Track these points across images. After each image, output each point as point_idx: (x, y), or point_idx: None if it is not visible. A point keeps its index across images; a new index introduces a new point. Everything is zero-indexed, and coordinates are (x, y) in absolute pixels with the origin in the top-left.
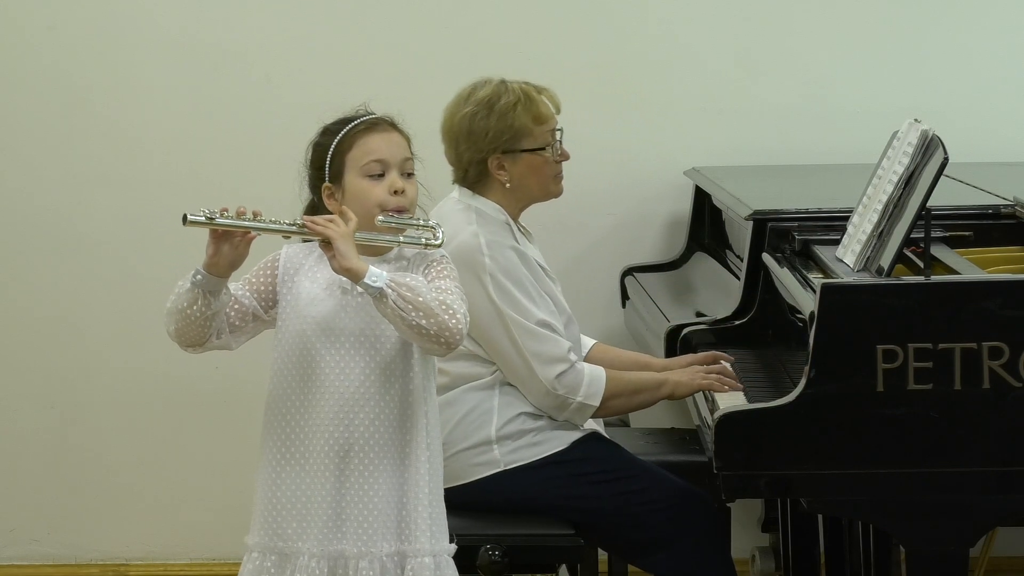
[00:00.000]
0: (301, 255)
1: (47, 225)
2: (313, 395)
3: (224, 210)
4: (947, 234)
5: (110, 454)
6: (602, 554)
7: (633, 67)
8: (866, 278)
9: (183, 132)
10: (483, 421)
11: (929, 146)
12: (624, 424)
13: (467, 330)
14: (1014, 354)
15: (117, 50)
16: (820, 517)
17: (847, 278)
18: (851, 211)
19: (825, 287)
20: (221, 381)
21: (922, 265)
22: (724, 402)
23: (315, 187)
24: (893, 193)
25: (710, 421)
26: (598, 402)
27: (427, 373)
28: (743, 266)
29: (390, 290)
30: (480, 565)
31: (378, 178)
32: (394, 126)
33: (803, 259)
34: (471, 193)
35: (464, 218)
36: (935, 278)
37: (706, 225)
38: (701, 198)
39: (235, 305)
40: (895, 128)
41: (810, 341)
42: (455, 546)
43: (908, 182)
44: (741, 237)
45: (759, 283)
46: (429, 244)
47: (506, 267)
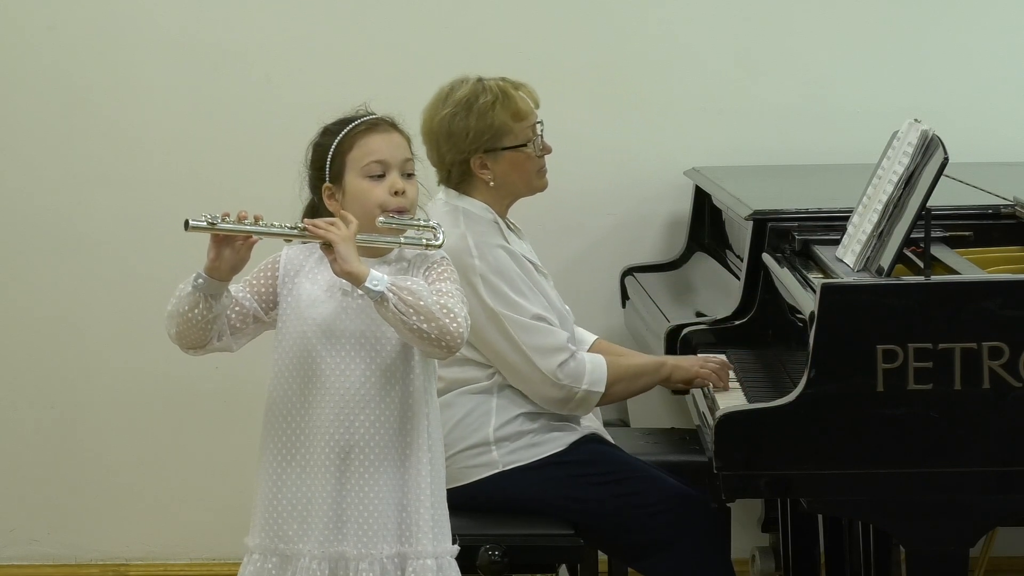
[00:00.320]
0: (302, 257)
1: (47, 225)
2: (313, 397)
3: (226, 214)
4: (947, 234)
5: (110, 454)
6: (602, 554)
7: (633, 67)
8: (866, 278)
9: (183, 132)
10: (481, 423)
11: (929, 146)
12: (624, 424)
13: (468, 333)
14: (1014, 354)
15: (117, 50)
16: (820, 517)
17: (847, 278)
18: (851, 211)
19: (825, 287)
20: (221, 381)
21: (922, 265)
22: (724, 402)
23: (315, 187)
24: (893, 193)
25: (710, 421)
26: (603, 388)
27: (428, 375)
28: (743, 266)
29: (391, 294)
30: (480, 565)
31: (378, 179)
32: (394, 126)
33: (803, 259)
34: (457, 194)
35: (451, 220)
36: (935, 278)
37: (706, 225)
38: (701, 198)
39: (236, 307)
40: (895, 128)
41: (810, 341)
42: (457, 547)
43: (908, 182)
44: (741, 237)
45: (759, 283)
46: (430, 245)
47: (496, 267)
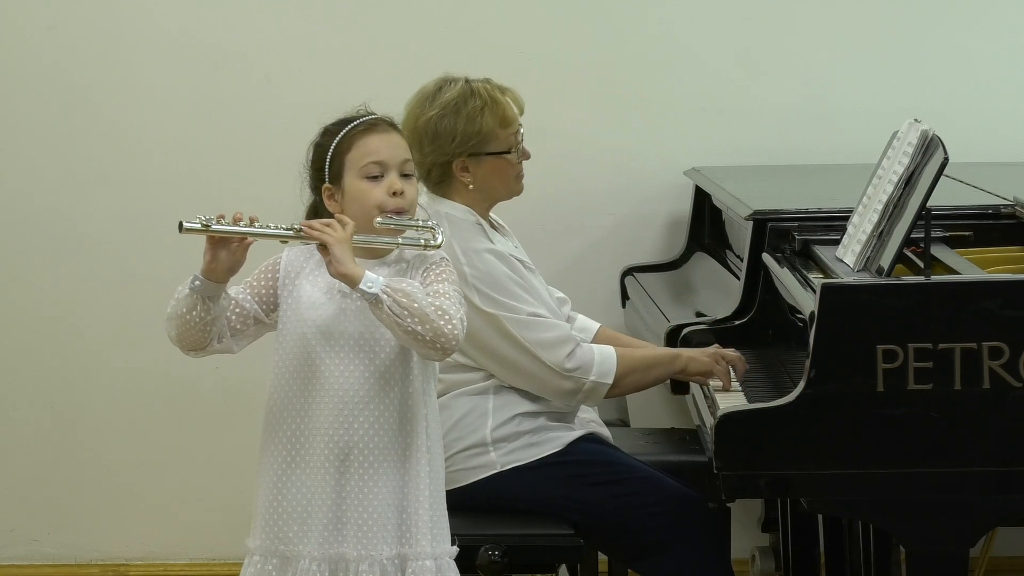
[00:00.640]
0: (302, 258)
1: (47, 225)
2: (313, 398)
3: (220, 216)
4: (947, 234)
5: (110, 454)
6: (602, 555)
7: (633, 67)
8: (866, 278)
9: (183, 132)
10: (479, 424)
11: (929, 146)
12: (624, 424)
13: (464, 334)
14: (1014, 354)
15: (117, 50)
16: (820, 517)
17: (847, 278)
18: (851, 211)
19: (825, 287)
20: (221, 381)
21: (922, 265)
22: (724, 402)
23: (316, 188)
24: (893, 193)
25: (710, 421)
26: (612, 379)
27: (427, 376)
28: (743, 266)
29: (385, 296)
30: (480, 565)
31: (377, 179)
32: (393, 126)
33: (803, 259)
34: (437, 197)
35: None
36: (935, 278)
37: (706, 225)
38: (701, 198)
39: (236, 309)
40: (895, 128)
41: (810, 341)
42: (456, 549)
43: (908, 182)
44: (741, 237)
45: (759, 283)
46: (429, 245)
47: (487, 272)
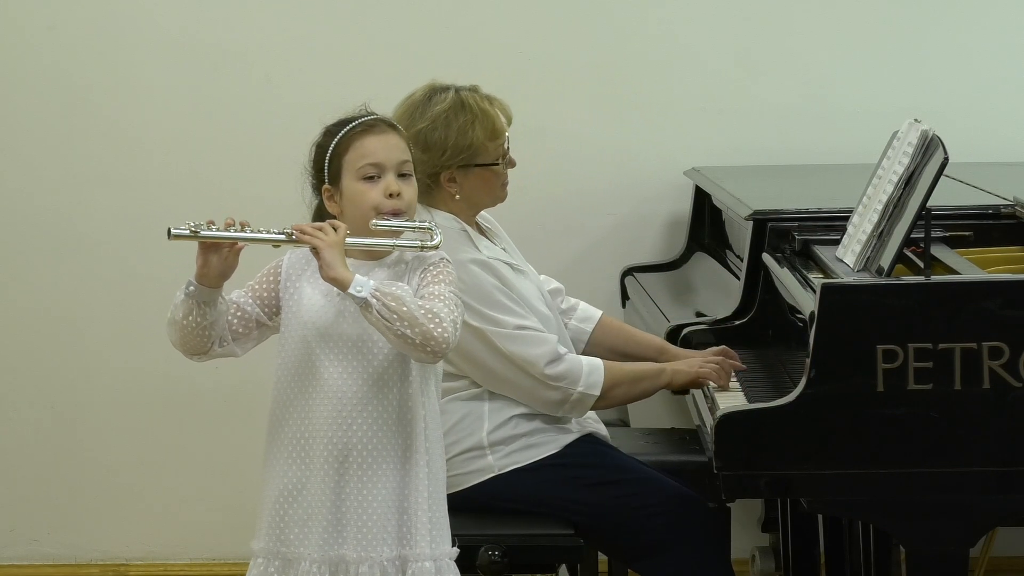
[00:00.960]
0: (304, 261)
1: (47, 225)
2: (313, 400)
3: (211, 222)
4: (947, 234)
5: (110, 454)
6: (602, 555)
7: (633, 67)
8: (866, 278)
9: (183, 132)
10: (474, 427)
11: (929, 146)
12: (624, 424)
13: (457, 336)
14: (1014, 354)
15: (117, 50)
16: (820, 517)
17: (847, 278)
18: (851, 211)
19: (825, 287)
20: (221, 381)
21: (922, 265)
22: (724, 402)
23: (317, 189)
24: (893, 193)
25: (710, 421)
26: (599, 391)
27: (425, 378)
28: (743, 266)
29: (374, 300)
30: (479, 565)
31: (374, 181)
32: (392, 127)
33: (803, 259)
34: (422, 206)
35: None
36: (935, 278)
37: (706, 225)
38: (701, 198)
39: (238, 313)
40: (895, 128)
41: (810, 341)
42: (457, 550)
43: (908, 182)
44: (741, 237)
45: (759, 283)
46: (426, 246)
47: (472, 284)
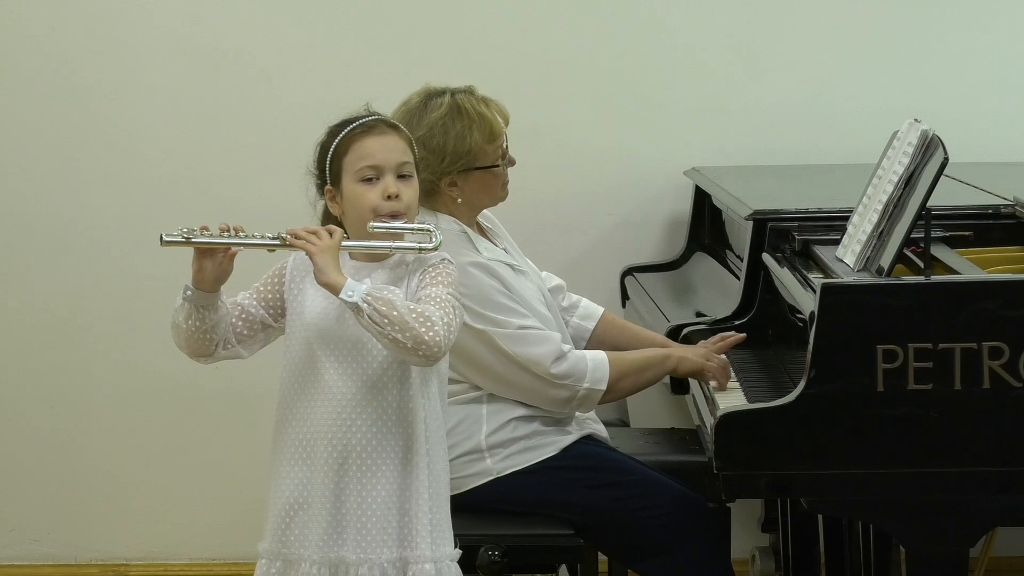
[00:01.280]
0: (308, 263)
1: (47, 225)
2: (315, 401)
3: (204, 227)
4: (947, 234)
5: (110, 454)
6: (602, 555)
7: (633, 67)
8: (866, 278)
9: (183, 132)
10: (473, 430)
11: (929, 146)
12: (624, 424)
13: (451, 339)
14: (1014, 354)
15: (117, 50)
16: (820, 517)
17: (847, 278)
18: (851, 211)
19: (825, 287)
20: (221, 381)
21: (922, 265)
22: (724, 402)
23: (320, 189)
24: (893, 193)
25: (710, 421)
26: (605, 385)
27: (425, 379)
28: (743, 266)
29: (365, 304)
30: (480, 565)
31: (372, 182)
32: (393, 127)
33: (803, 259)
34: (425, 210)
35: None
36: (935, 278)
37: (706, 225)
38: (701, 198)
39: (242, 315)
40: (895, 128)
41: (810, 341)
42: (459, 551)
43: (908, 182)
44: (741, 237)
45: (759, 283)
46: (424, 248)
47: (472, 287)
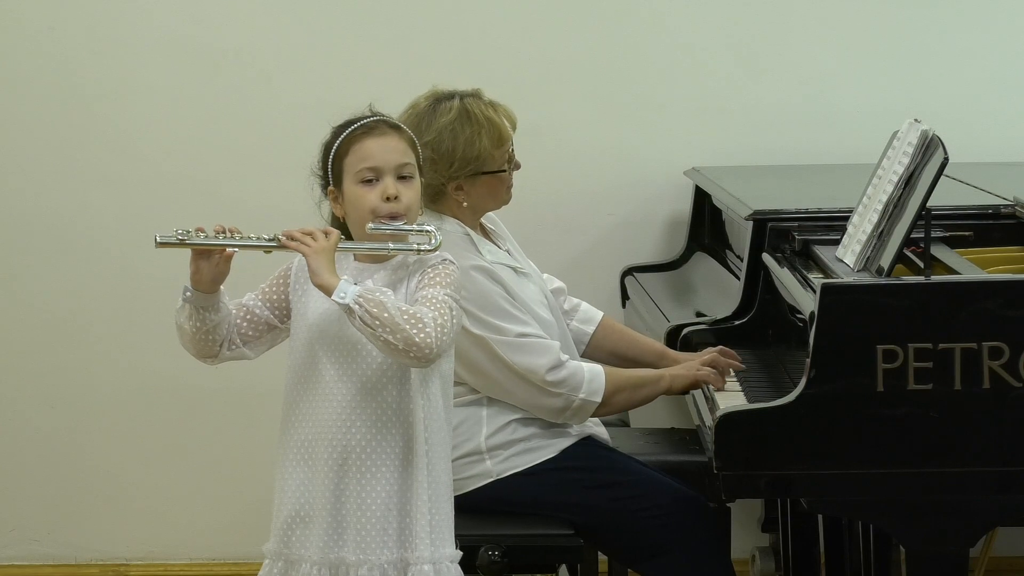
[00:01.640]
0: None
1: (47, 225)
2: (317, 402)
3: (200, 229)
4: (947, 234)
5: (110, 454)
6: (602, 554)
7: (633, 67)
8: (866, 278)
9: (183, 132)
10: (472, 432)
11: (929, 146)
12: (624, 424)
13: (444, 340)
14: (1014, 354)
15: (117, 50)
16: (820, 517)
17: (847, 278)
18: (851, 211)
19: (825, 287)
20: (221, 381)
21: (922, 265)
22: (724, 402)
23: (324, 189)
24: (893, 193)
25: (710, 421)
26: (600, 398)
27: (425, 380)
28: (743, 266)
29: (357, 306)
30: (480, 565)
31: (372, 184)
32: (394, 127)
33: (803, 259)
34: (431, 213)
35: None
36: (935, 278)
37: (706, 225)
38: (701, 198)
39: (247, 316)
40: (895, 128)
41: (810, 341)
42: (460, 552)
43: (908, 182)
44: (741, 237)
45: (759, 283)
46: (422, 250)
47: (474, 292)
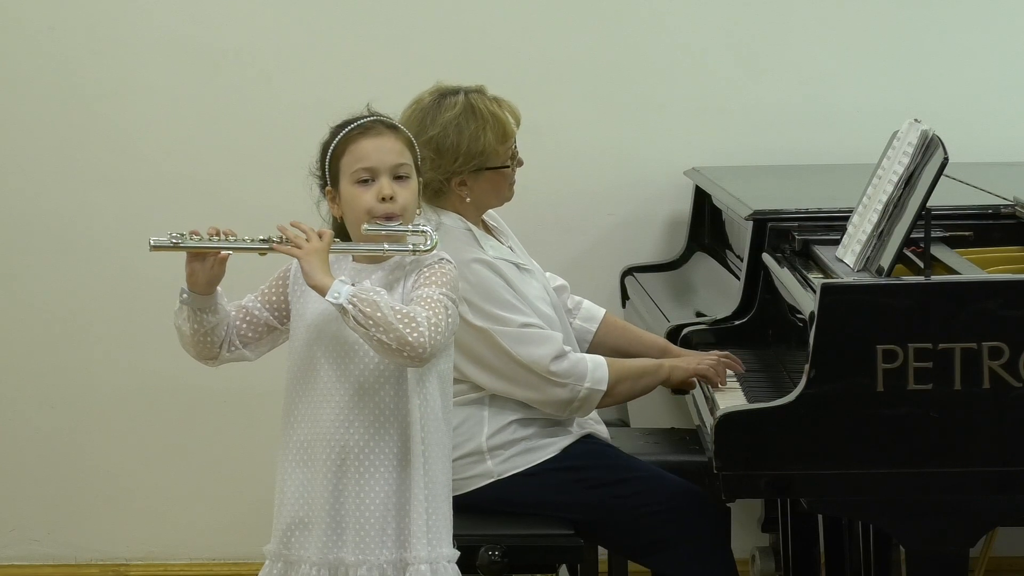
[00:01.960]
0: None
1: (47, 225)
2: (316, 402)
3: (194, 232)
4: (947, 234)
5: (110, 454)
6: (602, 554)
7: (633, 67)
8: (866, 278)
9: (183, 132)
10: (473, 432)
11: (929, 146)
12: (624, 424)
13: (438, 340)
14: (1014, 354)
15: (117, 50)
16: (820, 517)
17: (847, 278)
18: (851, 211)
19: (825, 287)
20: (221, 381)
21: (922, 265)
22: (724, 402)
23: (322, 189)
24: (893, 193)
25: (710, 421)
26: (605, 386)
27: (422, 380)
28: (743, 266)
29: (350, 306)
30: (480, 565)
31: (367, 184)
32: (391, 127)
33: (803, 259)
34: (430, 208)
35: None
36: (935, 278)
37: (706, 225)
38: (701, 198)
39: (247, 318)
40: (895, 128)
41: (810, 341)
42: (457, 552)
43: (908, 182)
44: (741, 237)
45: (759, 283)
46: (418, 250)
47: (476, 284)
